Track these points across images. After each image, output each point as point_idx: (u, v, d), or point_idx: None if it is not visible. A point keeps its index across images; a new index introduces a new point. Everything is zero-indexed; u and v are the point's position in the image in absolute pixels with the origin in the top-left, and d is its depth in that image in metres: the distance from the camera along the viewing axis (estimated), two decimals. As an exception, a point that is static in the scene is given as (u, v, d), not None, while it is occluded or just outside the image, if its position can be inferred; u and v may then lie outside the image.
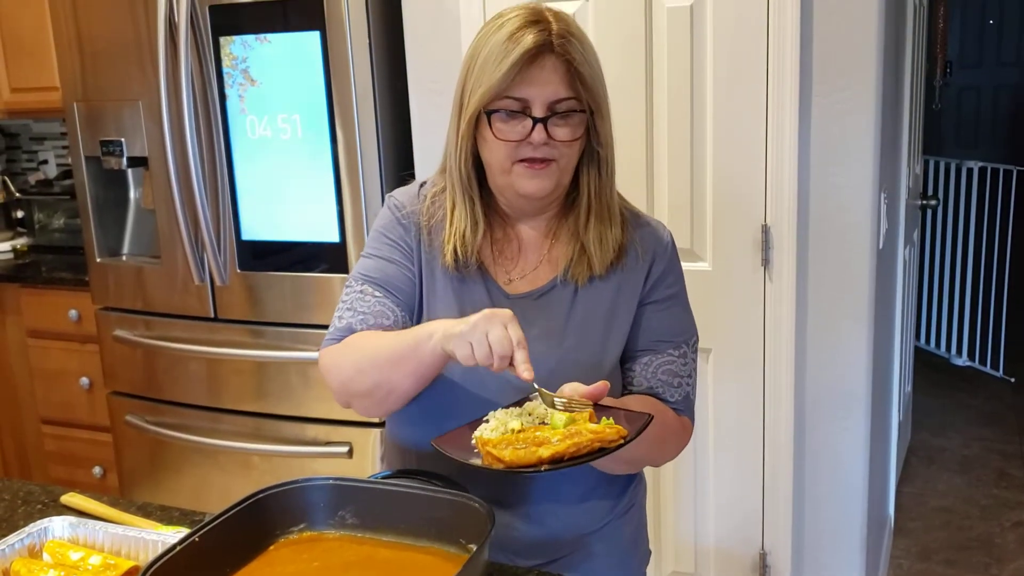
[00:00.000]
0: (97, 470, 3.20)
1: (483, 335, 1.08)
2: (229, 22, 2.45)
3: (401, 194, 1.36)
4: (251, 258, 2.58)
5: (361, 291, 1.31)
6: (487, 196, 1.29)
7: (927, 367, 4.52)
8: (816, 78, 2.05)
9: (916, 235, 3.69)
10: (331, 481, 1.20)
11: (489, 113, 1.19)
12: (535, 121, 1.17)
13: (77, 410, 3.21)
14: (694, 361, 1.35)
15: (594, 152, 1.24)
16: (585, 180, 1.26)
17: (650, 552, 1.51)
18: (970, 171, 4.54)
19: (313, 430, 2.59)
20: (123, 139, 2.69)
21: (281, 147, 2.46)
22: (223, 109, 2.50)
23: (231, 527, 1.12)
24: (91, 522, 1.30)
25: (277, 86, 2.43)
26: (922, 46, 3.39)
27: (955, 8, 6.38)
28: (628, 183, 2.21)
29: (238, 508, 1.14)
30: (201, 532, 1.08)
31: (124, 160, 2.70)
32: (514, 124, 1.18)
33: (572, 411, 1.09)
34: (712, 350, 2.25)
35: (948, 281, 4.69)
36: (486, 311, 1.11)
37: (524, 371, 1.07)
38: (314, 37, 2.35)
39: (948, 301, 4.68)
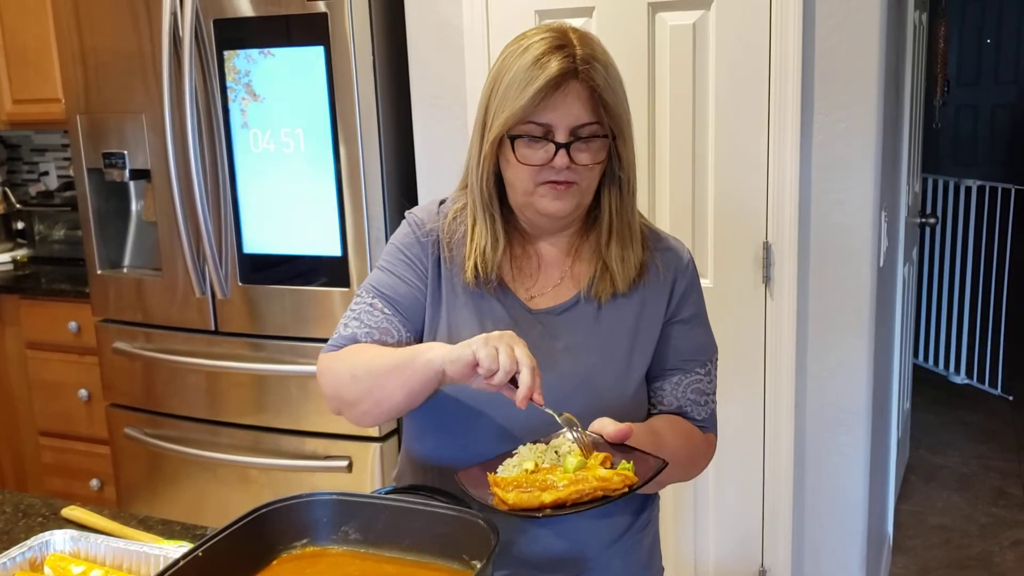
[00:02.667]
0: (95, 483, 3.19)
1: (492, 347, 1.09)
2: (233, 36, 2.46)
3: (421, 211, 1.37)
4: (252, 271, 2.58)
5: (371, 304, 1.32)
6: (507, 214, 1.30)
7: (926, 384, 4.52)
8: (817, 96, 2.06)
9: (915, 253, 3.70)
10: (334, 496, 1.19)
11: (513, 137, 1.20)
12: (558, 146, 1.18)
13: (75, 422, 3.20)
14: (716, 377, 1.37)
15: (615, 174, 1.25)
16: (607, 201, 1.27)
17: (663, 569, 1.51)
18: (969, 189, 4.56)
19: (312, 444, 2.58)
20: (125, 151, 2.69)
21: (284, 161, 2.47)
22: (226, 123, 2.51)
23: (234, 542, 1.11)
24: (93, 536, 1.30)
25: (280, 100, 2.44)
26: (922, 65, 3.41)
27: (953, 27, 6.42)
28: (630, 199, 2.23)
29: (241, 522, 1.13)
30: (204, 547, 1.08)
31: (126, 172, 2.71)
32: (537, 149, 1.20)
33: (585, 442, 1.11)
34: (713, 366, 2.25)
35: (947, 299, 4.70)
36: (497, 332, 1.11)
37: (537, 396, 1.08)
38: (318, 52, 2.36)
39: (947, 319, 4.69)
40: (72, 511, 1.47)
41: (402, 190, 2.53)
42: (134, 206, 2.94)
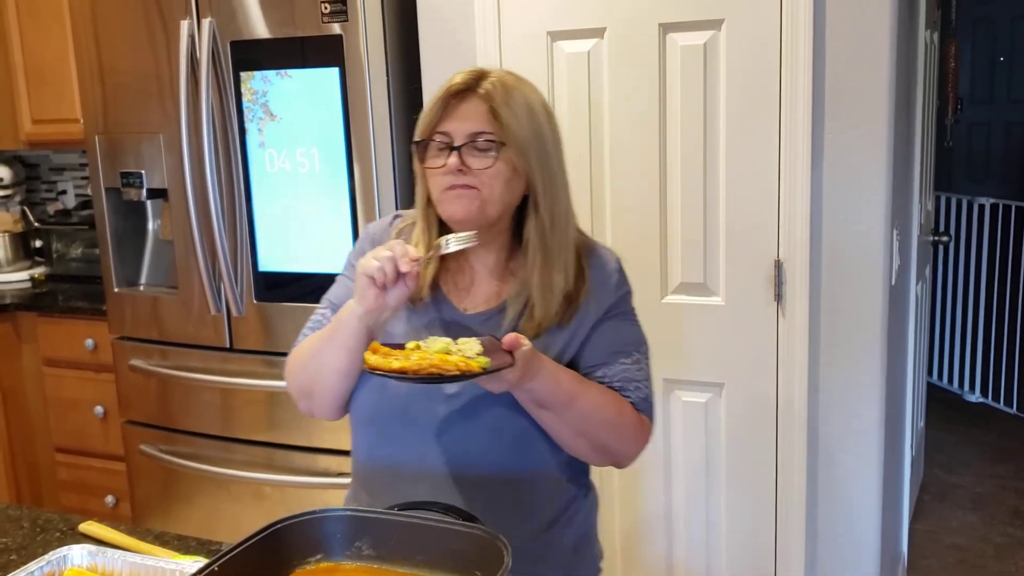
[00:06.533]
0: (110, 499, 3.21)
1: (367, 259, 1.24)
2: (250, 58, 2.50)
3: (375, 226, 1.51)
4: (267, 289, 2.61)
5: (323, 314, 1.47)
6: (448, 231, 1.39)
7: (940, 403, 4.50)
8: (828, 115, 2.08)
9: (928, 271, 3.70)
10: (348, 512, 1.20)
11: (421, 145, 1.35)
12: (452, 150, 1.32)
13: (91, 439, 3.22)
14: (648, 367, 1.44)
15: (534, 201, 1.36)
16: (529, 226, 1.37)
17: (600, 570, 1.55)
18: (982, 207, 4.55)
19: (325, 461, 2.60)
20: (143, 171, 2.73)
21: (299, 180, 2.50)
22: (243, 142, 2.55)
23: (249, 557, 1.12)
24: (110, 551, 1.31)
25: (296, 120, 2.47)
26: (933, 83, 3.41)
27: (965, 45, 6.42)
28: (641, 219, 2.24)
29: (256, 538, 1.15)
30: (220, 561, 1.09)
31: (144, 192, 2.74)
32: (440, 156, 1.33)
33: (488, 347, 1.22)
34: (724, 385, 2.26)
35: (960, 317, 4.68)
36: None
37: (407, 263, 1.22)
38: (333, 73, 2.40)
39: (960, 337, 4.67)
40: (89, 526, 1.49)
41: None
42: (151, 225, 2.98)
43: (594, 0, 2.21)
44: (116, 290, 2.88)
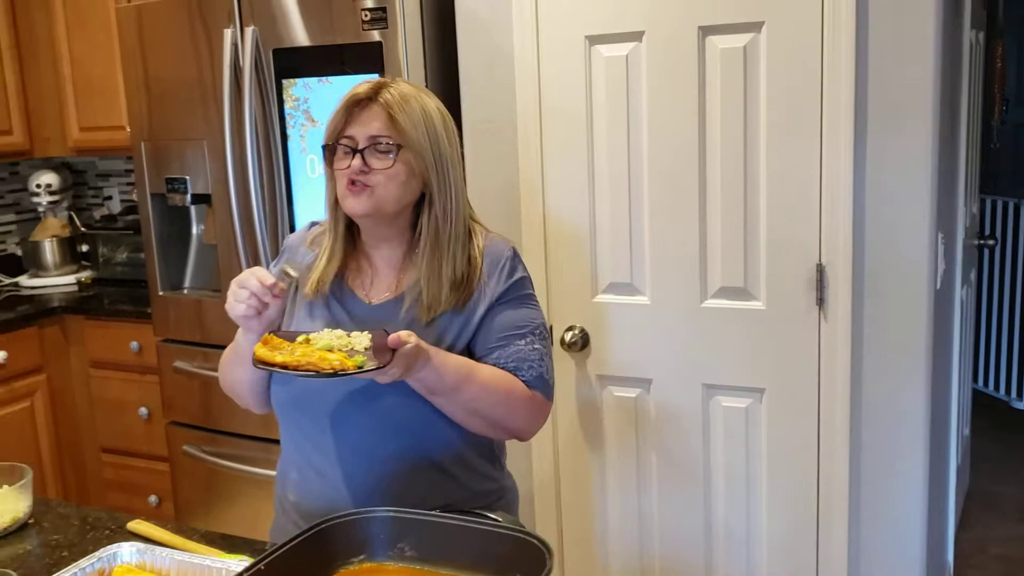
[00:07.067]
0: (153, 498, 3.27)
1: (231, 304, 1.40)
2: (292, 65, 2.53)
3: (293, 236, 1.66)
4: (308, 293, 2.63)
5: None
6: (357, 233, 1.55)
7: (986, 410, 4.41)
8: (871, 116, 2.05)
9: (973, 275, 3.63)
10: (391, 513, 1.22)
11: (328, 150, 1.47)
12: (354, 152, 1.44)
13: (136, 440, 3.28)
14: (544, 347, 1.53)
15: (429, 197, 1.48)
16: (423, 221, 1.49)
17: None
18: (1029, 210, 4.47)
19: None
20: (187, 177, 2.78)
21: (339, 185, 2.52)
22: (284, 148, 2.58)
23: (294, 556, 1.14)
24: (158, 548, 1.34)
25: (337, 126, 2.50)
26: (979, 83, 3.36)
27: (1012, 46, 6.29)
28: (680, 223, 2.23)
29: (301, 537, 1.16)
30: (266, 560, 1.11)
31: (188, 197, 2.79)
32: (346, 159, 1.45)
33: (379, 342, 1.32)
34: (765, 390, 2.24)
35: (1007, 322, 4.59)
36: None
37: (268, 297, 1.38)
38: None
39: (1007, 342, 4.58)
40: (137, 525, 1.52)
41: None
42: (195, 229, 3.03)
43: (633, 4, 2.21)
44: (161, 293, 2.93)
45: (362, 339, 1.32)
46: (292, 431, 1.57)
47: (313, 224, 1.63)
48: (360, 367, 1.26)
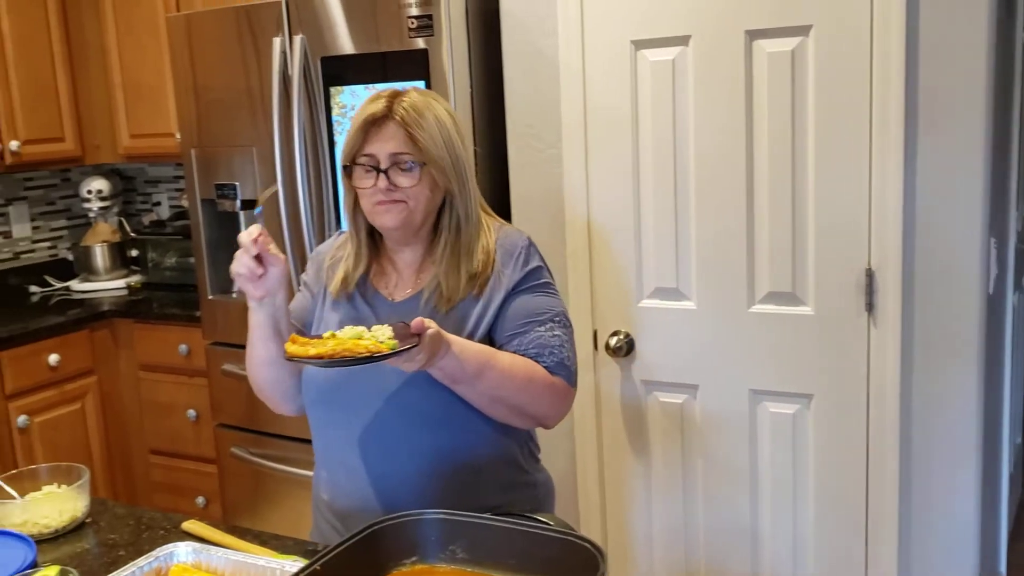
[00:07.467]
0: (200, 500, 3.31)
1: (232, 263, 1.43)
2: (339, 72, 2.56)
3: (323, 245, 1.72)
4: (353, 297, 2.66)
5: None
6: (379, 238, 1.60)
7: (1037, 418, 4.31)
8: (922, 119, 2.02)
9: (1025, 280, 3.56)
10: (442, 515, 1.23)
11: (349, 168, 1.51)
12: (379, 171, 1.47)
13: (184, 441, 3.33)
14: (565, 334, 1.55)
15: (452, 204, 1.53)
16: (444, 223, 1.54)
17: None
18: (1082, 214, 4.37)
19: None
20: (236, 183, 2.82)
21: (385, 190, 2.54)
22: (332, 155, 2.61)
23: (348, 557, 1.15)
24: (213, 548, 1.36)
25: (382, 132, 2.52)
26: (1030, 86, 3.29)
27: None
28: (727, 228, 2.22)
29: (354, 539, 1.18)
30: (321, 561, 1.12)
31: (238, 203, 2.84)
32: (368, 176, 1.49)
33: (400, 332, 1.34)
34: (813, 396, 2.21)
35: (1059, 328, 4.49)
36: None
37: (251, 245, 1.40)
38: (419, 87, 2.44)
39: (1059, 349, 4.47)
40: (191, 525, 1.54)
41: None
42: (243, 235, 3.07)
43: (679, 8, 2.20)
44: (210, 297, 2.98)
45: (384, 331, 1.34)
46: (321, 429, 1.61)
47: (340, 233, 1.68)
48: (393, 349, 1.29)
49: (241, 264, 1.42)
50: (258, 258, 1.41)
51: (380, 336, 1.32)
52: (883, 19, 2.00)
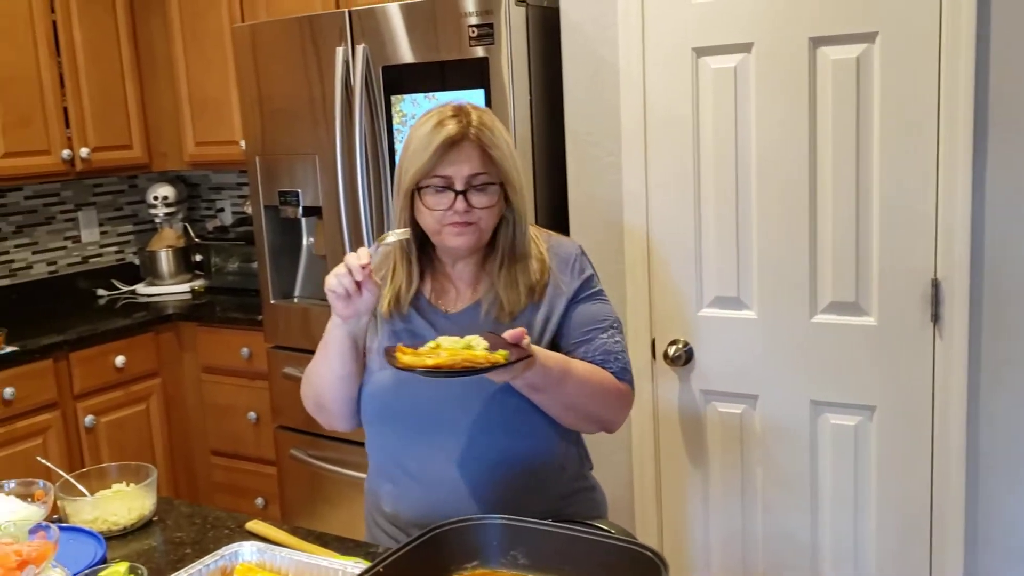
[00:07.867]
0: (259, 501, 3.37)
1: (330, 278, 1.43)
2: (400, 81, 2.60)
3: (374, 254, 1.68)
4: (412, 303, 2.69)
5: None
6: (430, 248, 1.58)
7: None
8: (992, 127, 1.98)
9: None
10: (503, 520, 1.23)
11: (420, 189, 1.47)
12: (456, 193, 1.45)
13: (244, 443, 3.40)
14: (622, 340, 1.58)
15: (509, 215, 1.52)
16: (501, 236, 1.53)
17: None
18: None
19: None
20: (299, 190, 2.88)
21: (444, 198, 2.57)
22: (392, 163, 2.64)
23: (410, 560, 1.17)
24: (277, 548, 1.39)
25: (442, 140, 2.55)
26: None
27: None
28: (790, 237, 2.19)
29: (417, 541, 1.19)
30: (384, 562, 1.14)
31: (300, 210, 2.89)
32: (440, 197, 1.46)
33: (493, 342, 1.34)
34: (877, 408, 2.17)
35: None
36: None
37: (358, 272, 1.40)
38: (479, 95, 2.46)
39: None
40: (255, 525, 1.57)
41: (554, 225, 2.58)
42: (305, 241, 3.13)
43: (741, 15, 2.19)
44: (272, 302, 3.04)
45: (480, 341, 1.34)
46: (385, 441, 1.60)
47: (377, 248, 1.65)
48: (507, 359, 1.29)
49: (340, 284, 1.42)
50: (357, 283, 1.42)
51: (476, 345, 1.32)
52: (952, 25, 1.97)
